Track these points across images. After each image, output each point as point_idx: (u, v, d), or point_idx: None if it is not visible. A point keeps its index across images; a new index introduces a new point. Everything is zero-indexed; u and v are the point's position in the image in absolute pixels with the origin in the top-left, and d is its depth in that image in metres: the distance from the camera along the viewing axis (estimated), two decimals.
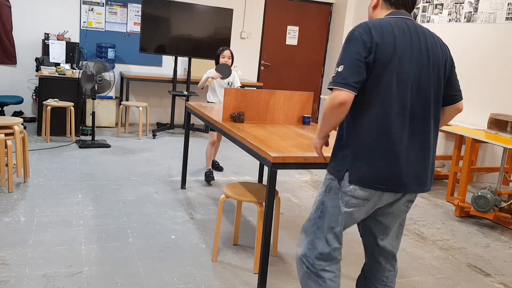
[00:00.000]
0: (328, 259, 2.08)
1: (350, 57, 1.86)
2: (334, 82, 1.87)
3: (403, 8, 2.04)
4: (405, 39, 1.92)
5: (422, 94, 1.94)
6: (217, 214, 3.54)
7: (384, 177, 1.91)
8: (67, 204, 3.82)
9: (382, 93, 1.89)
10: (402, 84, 1.90)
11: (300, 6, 8.24)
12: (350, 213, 2.00)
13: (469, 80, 5.78)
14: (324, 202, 2.07)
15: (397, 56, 1.89)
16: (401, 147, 1.91)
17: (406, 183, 1.94)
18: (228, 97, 3.54)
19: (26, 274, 2.69)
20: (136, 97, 7.58)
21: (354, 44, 1.88)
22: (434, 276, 3.15)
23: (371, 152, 1.91)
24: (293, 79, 8.46)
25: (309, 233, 2.12)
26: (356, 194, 1.95)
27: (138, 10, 7.26)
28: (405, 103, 1.91)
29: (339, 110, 1.87)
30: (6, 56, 6.71)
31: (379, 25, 1.91)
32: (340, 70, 1.87)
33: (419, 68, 1.94)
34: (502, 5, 5.37)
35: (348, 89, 1.84)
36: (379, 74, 1.88)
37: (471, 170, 4.55)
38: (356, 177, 1.93)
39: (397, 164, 1.91)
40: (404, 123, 1.91)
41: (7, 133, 3.91)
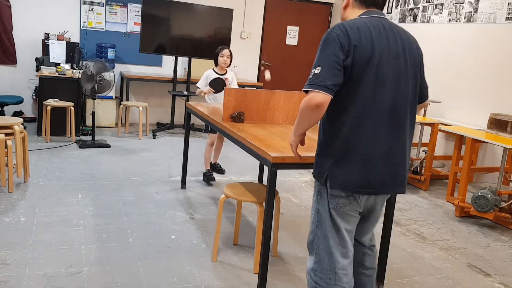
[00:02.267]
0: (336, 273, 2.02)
1: (328, 59, 1.82)
2: (311, 84, 1.83)
3: (373, 7, 2.01)
4: (382, 39, 1.90)
5: (400, 95, 1.93)
6: (217, 214, 3.54)
7: (364, 180, 1.91)
8: (67, 204, 3.82)
9: (360, 96, 1.87)
10: (380, 86, 1.88)
11: (300, 6, 8.24)
12: (345, 213, 2.00)
13: (469, 80, 5.78)
14: (318, 210, 2.05)
15: (375, 58, 1.86)
16: (379, 150, 1.90)
17: (385, 185, 1.95)
18: (228, 97, 3.54)
19: (26, 274, 2.69)
20: (136, 97, 7.58)
21: (331, 46, 1.84)
22: (434, 276, 3.15)
23: (350, 156, 1.90)
24: (293, 79, 8.46)
25: (313, 245, 2.08)
26: (342, 194, 1.96)
27: (138, 10, 7.26)
28: (383, 105, 1.89)
29: (315, 112, 1.84)
30: (6, 56, 6.71)
31: (355, 27, 1.88)
32: (317, 72, 1.83)
33: (397, 69, 1.92)
34: (502, 5, 5.37)
35: (325, 91, 1.80)
36: (356, 77, 1.86)
37: (471, 170, 4.55)
38: (336, 182, 1.93)
39: (376, 167, 1.91)
40: (382, 125, 1.90)
41: (7, 133, 3.91)
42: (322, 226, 2.02)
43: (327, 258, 2.01)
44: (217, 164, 5.14)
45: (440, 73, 6.20)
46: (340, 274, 2.02)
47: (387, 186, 1.96)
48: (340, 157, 1.92)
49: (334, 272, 2.01)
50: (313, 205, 2.09)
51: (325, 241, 2.02)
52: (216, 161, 5.12)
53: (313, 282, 2.07)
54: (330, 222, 2.00)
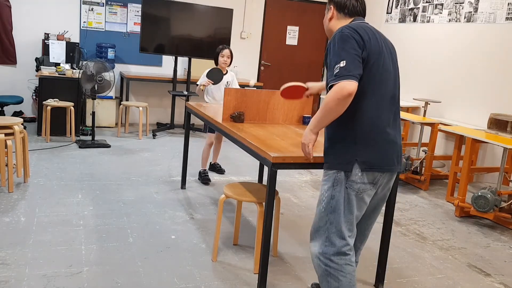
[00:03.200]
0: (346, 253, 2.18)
1: (349, 53, 2.02)
2: (340, 76, 1.99)
3: (356, 15, 2.28)
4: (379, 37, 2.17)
5: (396, 85, 2.22)
6: (217, 214, 3.54)
7: (386, 159, 2.14)
8: (67, 204, 3.82)
9: (376, 85, 2.11)
10: (387, 76, 2.15)
11: (300, 6, 8.24)
12: (362, 199, 2.16)
13: (469, 80, 5.78)
14: (334, 196, 2.16)
15: (381, 52, 2.13)
16: (391, 132, 2.16)
17: (396, 162, 2.20)
18: (228, 97, 3.54)
19: (26, 274, 2.69)
20: (136, 97, 7.58)
21: (348, 42, 2.04)
22: (434, 276, 3.15)
23: (373, 140, 2.11)
24: (293, 79, 8.45)
25: (322, 231, 2.20)
26: (365, 180, 2.12)
27: (138, 10, 7.26)
28: (390, 92, 2.16)
29: (345, 100, 2.00)
30: (6, 56, 6.72)
31: (360, 26, 2.12)
32: (342, 65, 2.00)
33: (392, 63, 2.21)
34: (502, 5, 5.37)
35: (354, 79, 1.99)
36: (372, 68, 2.09)
37: (471, 170, 4.55)
38: (367, 164, 2.11)
39: (392, 147, 2.16)
40: (391, 110, 2.17)
41: (7, 133, 3.91)
42: (336, 211, 2.16)
43: (338, 241, 2.17)
44: (217, 164, 5.13)
45: (440, 73, 6.20)
46: (351, 254, 2.19)
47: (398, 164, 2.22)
48: (366, 141, 2.11)
49: (344, 253, 2.18)
50: (324, 193, 2.20)
51: (337, 225, 2.16)
52: (215, 161, 5.11)
53: (323, 265, 2.19)
54: (347, 207, 2.15)
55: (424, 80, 6.48)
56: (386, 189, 2.31)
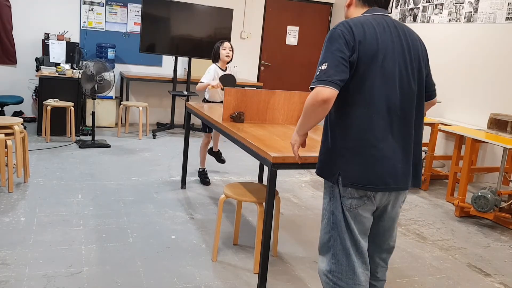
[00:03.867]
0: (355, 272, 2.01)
1: (334, 56, 1.84)
2: (319, 80, 1.83)
3: (376, 5, 2.03)
4: (386, 36, 1.92)
5: (406, 91, 1.94)
6: (217, 214, 3.54)
7: (374, 177, 1.90)
8: (67, 204, 3.82)
9: (367, 93, 1.88)
10: (387, 82, 1.89)
11: (300, 6, 8.24)
12: (358, 214, 1.98)
13: (469, 80, 5.78)
14: (333, 211, 2.02)
15: (380, 53, 1.88)
16: (388, 146, 1.90)
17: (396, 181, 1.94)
18: (228, 97, 3.54)
19: (26, 274, 2.69)
20: (136, 97, 7.58)
21: (336, 42, 1.86)
22: (434, 276, 3.15)
23: (360, 154, 1.89)
24: (293, 79, 8.46)
25: (328, 248, 2.05)
26: (355, 195, 1.94)
27: (138, 10, 7.26)
28: (389, 101, 1.90)
29: (321, 107, 1.84)
30: (6, 56, 6.71)
31: (359, 23, 1.90)
32: (323, 68, 1.84)
33: (403, 65, 1.94)
34: (502, 5, 5.37)
35: (332, 86, 1.81)
36: (362, 74, 1.87)
37: (471, 170, 4.55)
38: (348, 180, 1.91)
39: (384, 164, 1.90)
40: (389, 122, 1.91)
41: (7, 133, 3.91)
42: (338, 227, 2.01)
43: (345, 259, 2.01)
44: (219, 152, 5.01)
45: (440, 73, 6.20)
46: (359, 273, 2.02)
47: (397, 182, 1.95)
48: (350, 154, 1.91)
49: (353, 272, 2.01)
50: (325, 207, 2.06)
51: (342, 242, 2.00)
52: (216, 149, 5.00)
53: (331, 283, 2.04)
54: (345, 224, 1.99)
55: None
56: (397, 207, 2.09)
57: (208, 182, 4.64)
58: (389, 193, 1.98)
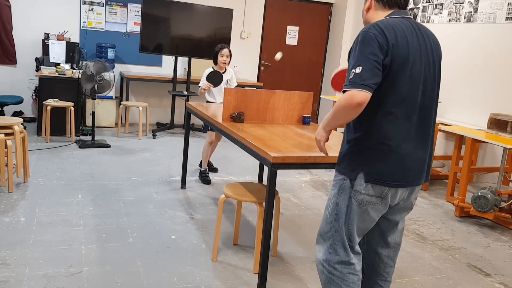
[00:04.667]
0: (350, 262, 2.09)
1: (368, 59, 1.86)
2: (353, 83, 1.85)
3: (396, 7, 2.05)
4: (414, 38, 1.96)
5: (428, 92, 2.01)
6: (217, 214, 3.54)
7: (398, 174, 1.98)
8: (67, 204, 3.82)
9: (396, 94, 1.92)
10: (414, 83, 1.95)
11: (300, 6, 8.24)
12: (366, 211, 2.03)
13: (469, 80, 5.78)
14: (338, 203, 2.07)
15: (410, 56, 1.92)
16: (410, 145, 1.98)
17: (414, 178, 2.03)
18: (228, 97, 3.54)
19: (26, 274, 2.69)
20: (136, 97, 7.58)
21: (370, 45, 1.87)
22: (434, 276, 3.15)
23: (385, 152, 1.96)
24: (293, 79, 8.46)
25: (327, 237, 2.12)
26: (370, 192, 1.99)
27: (138, 10, 7.26)
28: (415, 102, 1.96)
29: (354, 110, 1.87)
30: (6, 56, 6.71)
31: (390, 26, 1.92)
32: (358, 71, 1.86)
33: (427, 68, 1.99)
34: (502, 5, 5.37)
35: (367, 90, 1.84)
36: (394, 76, 1.91)
37: (471, 170, 4.55)
38: (372, 176, 1.97)
39: (407, 162, 1.99)
40: (413, 122, 1.98)
41: (7, 133, 3.91)
42: (340, 219, 2.07)
43: (343, 250, 2.08)
44: (210, 162, 5.11)
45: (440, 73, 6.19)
46: (355, 263, 2.10)
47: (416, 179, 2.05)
48: (375, 152, 1.97)
49: (348, 263, 2.09)
50: (330, 198, 2.12)
51: (341, 234, 2.07)
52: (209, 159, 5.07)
53: (326, 272, 2.12)
54: (349, 217, 2.05)
55: None
56: (408, 202, 2.15)
57: (209, 181, 4.65)
58: (406, 189, 2.06)
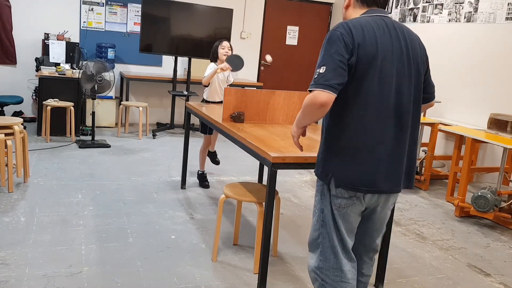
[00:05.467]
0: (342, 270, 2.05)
1: (332, 59, 1.83)
2: (316, 83, 1.83)
3: (375, 6, 2.01)
4: (386, 37, 1.91)
5: (403, 93, 1.93)
6: (217, 214, 3.54)
7: (368, 180, 1.91)
8: (67, 204, 3.82)
9: (365, 95, 1.87)
10: (385, 84, 1.89)
11: (300, 6, 8.24)
12: (347, 213, 2.00)
13: (469, 80, 5.78)
14: (323, 209, 2.05)
15: (379, 56, 1.87)
16: (382, 149, 1.91)
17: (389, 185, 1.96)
18: (228, 97, 3.54)
19: (26, 274, 2.69)
20: (136, 97, 7.58)
21: (335, 45, 1.84)
22: (434, 276, 3.15)
23: (354, 156, 1.90)
24: (293, 79, 8.46)
25: (316, 245, 2.08)
26: (345, 195, 1.96)
27: (138, 10, 7.26)
28: (387, 104, 1.90)
29: (319, 110, 1.85)
30: (6, 56, 6.71)
31: (359, 25, 1.88)
32: (322, 71, 1.83)
33: (401, 67, 1.92)
34: (502, 5, 5.37)
35: (330, 90, 1.81)
36: (361, 76, 1.86)
37: (471, 170, 4.55)
38: (340, 181, 1.93)
39: (378, 166, 1.92)
40: (386, 124, 1.91)
41: (7, 133, 3.91)
42: (326, 225, 2.04)
43: (333, 257, 2.04)
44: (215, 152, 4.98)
45: (440, 73, 6.20)
46: (346, 271, 2.05)
47: (390, 185, 1.96)
48: (345, 156, 1.92)
49: (340, 270, 2.04)
50: (316, 204, 2.09)
51: (330, 240, 2.03)
52: (213, 149, 4.96)
53: (319, 279, 2.08)
54: (333, 222, 2.02)
55: None
56: (386, 209, 2.11)
57: (207, 186, 4.60)
58: (379, 195, 2.00)
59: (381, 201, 2.04)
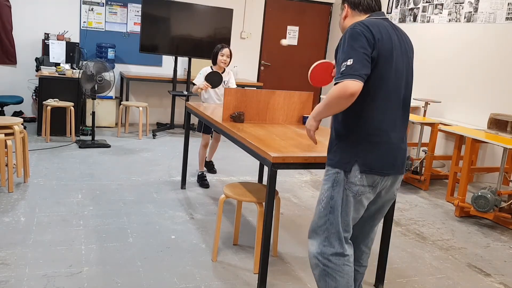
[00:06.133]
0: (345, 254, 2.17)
1: (358, 52, 1.96)
2: (346, 74, 1.95)
3: (370, 11, 2.20)
4: (394, 36, 2.11)
5: (409, 86, 2.17)
6: (217, 214, 3.54)
7: (387, 163, 2.10)
8: (67, 204, 3.82)
9: (384, 87, 2.05)
10: (398, 78, 2.09)
11: (300, 6, 8.24)
12: (360, 201, 2.14)
13: (469, 80, 5.78)
14: (333, 196, 2.14)
15: (394, 52, 2.06)
16: (397, 136, 2.13)
17: (399, 166, 2.16)
18: (228, 97, 3.54)
19: (26, 274, 2.69)
20: (136, 97, 7.58)
21: (358, 40, 1.98)
22: (434, 276, 3.15)
23: (377, 143, 2.08)
24: (293, 79, 8.46)
25: (321, 231, 2.19)
26: (364, 183, 2.10)
27: (138, 10, 7.26)
28: (400, 95, 2.12)
29: (347, 100, 1.96)
30: (6, 56, 6.72)
31: (374, 24, 2.05)
32: (349, 63, 1.95)
33: (406, 63, 2.14)
34: (502, 5, 5.37)
35: (359, 79, 1.94)
36: (381, 69, 2.03)
37: (471, 170, 4.55)
38: (366, 166, 2.07)
39: (395, 151, 2.13)
40: (398, 114, 2.13)
41: (7, 133, 3.91)
42: (335, 212, 2.14)
43: (337, 242, 2.16)
44: (211, 163, 5.09)
45: (440, 73, 6.20)
46: (349, 255, 2.18)
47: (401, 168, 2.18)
48: (367, 144, 2.08)
49: (343, 254, 2.17)
50: (324, 192, 2.19)
51: (337, 226, 2.15)
52: (210, 159, 5.07)
53: (321, 265, 2.17)
54: (344, 209, 2.14)
55: (424, 80, 6.48)
56: (391, 192, 2.27)
57: (207, 185, 4.61)
58: (387, 177, 2.16)
59: (387, 185, 2.19)
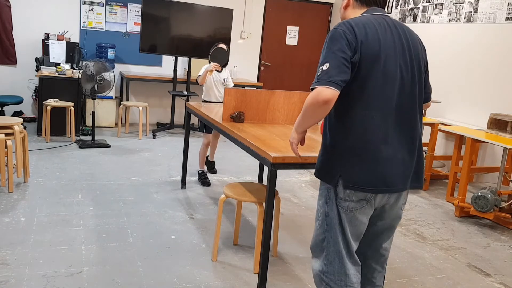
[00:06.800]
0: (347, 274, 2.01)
1: (335, 56, 1.80)
2: (320, 80, 1.80)
3: (374, 5, 2.00)
4: (388, 36, 1.90)
5: (407, 91, 1.92)
6: (217, 214, 3.54)
7: (377, 179, 1.88)
8: (67, 204, 3.82)
9: (369, 94, 1.85)
10: (388, 83, 1.87)
11: (300, 6, 8.24)
12: (354, 217, 1.95)
13: (469, 80, 5.78)
14: (327, 213, 1.99)
15: (382, 54, 1.85)
16: (390, 148, 1.89)
17: (397, 183, 1.93)
18: (228, 97, 3.54)
19: (26, 274, 2.69)
20: (136, 97, 7.58)
21: (338, 42, 1.82)
22: (434, 276, 3.15)
23: (361, 155, 1.87)
24: (293, 79, 8.46)
25: (320, 248, 2.04)
26: (353, 198, 1.92)
27: (138, 10, 7.26)
28: (391, 102, 1.88)
29: (322, 108, 1.80)
30: (6, 56, 6.71)
31: (361, 23, 1.87)
32: (325, 68, 1.80)
33: (403, 66, 1.91)
34: (502, 5, 5.37)
35: (334, 86, 1.77)
36: (365, 74, 1.84)
37: (471, 170, 4.55)
38: (350, 182, 1.89)
39: (387, 166, 1.89)
40: (391, 123, 1.89)
41: (7, 133, 3.91)
42: (332, 229, 1.99)
43: (338, 261, 2.00)
44: (213, 162, 5.10)
45: (440, 73, 6.20)
46: (351, 275, 2.01)
47: (399, 184, 1.94)
48: (352, 156, 1.88)
49: (345, 274, 2.00)
50: (319, 208, 2.04)
51: (336, 244, 1.99)
52: (212, 158, 5.07)
53: (324, 283, 2.04)
54: (339, 226, 1.97)
55: None
56: (397, 208, 2.04)
57: (208, 183, 4.63)
58: (389, 194, 1.96)
59: (391, 201, 2.00)
